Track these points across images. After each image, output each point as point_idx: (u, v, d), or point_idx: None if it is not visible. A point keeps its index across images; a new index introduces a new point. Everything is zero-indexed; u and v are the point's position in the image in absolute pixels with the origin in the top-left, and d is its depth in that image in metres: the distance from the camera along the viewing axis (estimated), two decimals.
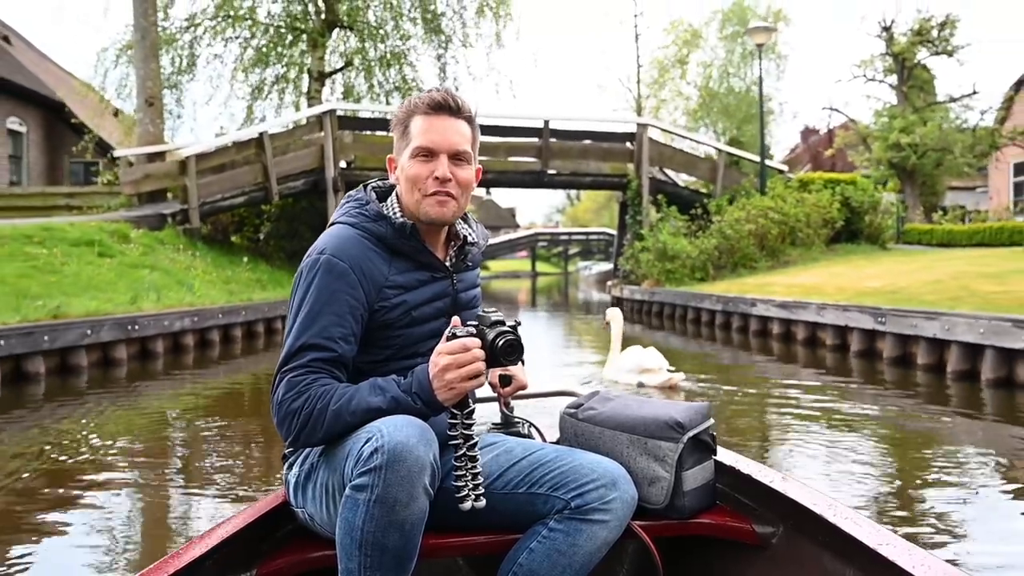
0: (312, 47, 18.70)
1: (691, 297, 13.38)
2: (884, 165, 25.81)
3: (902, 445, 5.06)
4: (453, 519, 1.68)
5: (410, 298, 1.70)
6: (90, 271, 10.21)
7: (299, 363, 1.60)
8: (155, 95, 15.83)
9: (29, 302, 7.88)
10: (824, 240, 17.13)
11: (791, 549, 1.72)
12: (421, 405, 1.56)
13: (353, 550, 1.47)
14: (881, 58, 27.29)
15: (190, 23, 18.46)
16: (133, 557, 3.21)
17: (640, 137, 17.26)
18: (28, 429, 5.74)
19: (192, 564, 1.50)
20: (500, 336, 1.56)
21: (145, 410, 6.61)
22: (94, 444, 5.13)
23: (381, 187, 1.85)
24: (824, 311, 9.12)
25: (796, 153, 47.98)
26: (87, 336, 7.69)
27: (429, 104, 1.71)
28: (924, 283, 9.53)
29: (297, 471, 1.71)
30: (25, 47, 26.82)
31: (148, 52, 15.64)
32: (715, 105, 40.60)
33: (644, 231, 16.77)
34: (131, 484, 4.30)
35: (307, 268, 1.67)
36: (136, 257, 11.60)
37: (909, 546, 1.45)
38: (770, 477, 1.84)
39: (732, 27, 41.62)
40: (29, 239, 10.74)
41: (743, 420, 5.77)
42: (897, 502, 3.85)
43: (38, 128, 23.43)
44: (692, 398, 6.51)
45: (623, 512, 1.66)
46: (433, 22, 19.20)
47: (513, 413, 2.02)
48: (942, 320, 6.98)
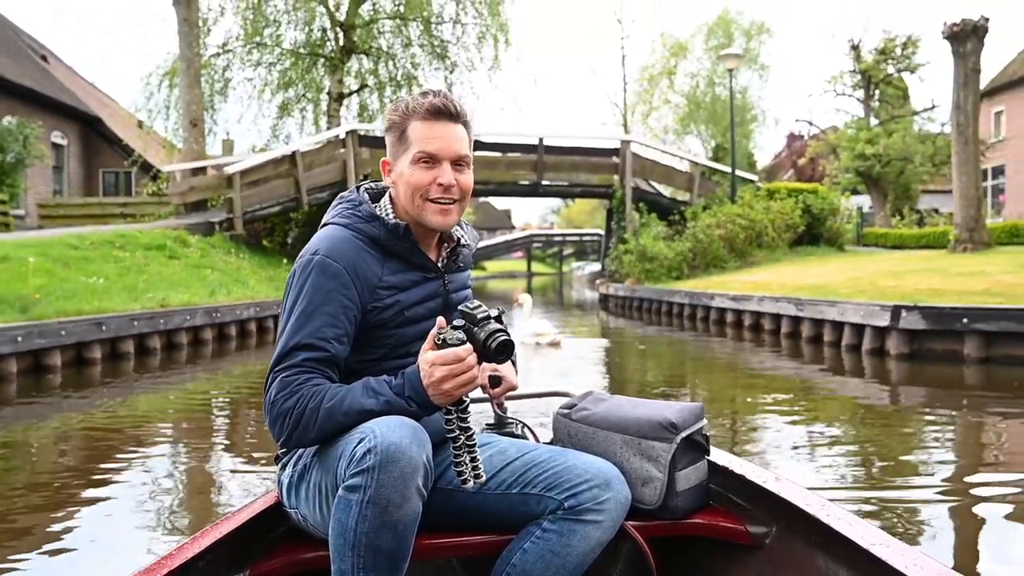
0: (331, 71, 20.96)
1: (665, 293, 15.64)
2: (852, 173, 28.11)
3: (798, 392, 7.35)
4: (446, 520, 1.71)
5: (403, 298, 1.70)
6: (166, 271, 12.42)
7: (292, 363, 1.60)
8: (198, 117, 18.04)
9: (139, 294, 10.10)
10: (787, 243, 19.35)
11: (784, 549, 1.73)
12: (415, 407, 1.56)
13: (346, 551, 1.47)
14: (850, 74, 29.65)
15: (223, 50, 20.69)
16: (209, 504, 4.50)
17: (624, 152, 19.55)
18: (161, 389, 8.00)
19: (184, 565, 1.50)
20: (491, 337, 1.55)
21: (233, 374, 8.87)
22: (207, 402, 7.38)
23: (374, 188, 1.85)
24: (763, 302, 11.38)
25: (781, 158, 49.99)
26: (186, 320, 9.94)
27: (428, 109, 1.71)
28: (846, 280, 11.80)
29: (290, 472, 1.72)
30: (59, 64, 29.00)
31: (192, 79, 17.84)
32: (702, 113, 42.85)
33: (627, 235, 19.03)
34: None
35: (300, 268, 1.68)
36: (197, 259, 13.81)
37: (902, 546, 1.45)
38: (763, 477, 1.84)
39: (717, 39, 43.84)
40: (112, 244, 12.94)
41: (700, 376, 8.05)
42: (784, 427, 6.13)
43: (76, 141, 25.55)
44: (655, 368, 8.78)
45: (617, 512, 1.66)
46: (439, 48, 21.47)
47: (506, 414, 2.04)
48: (839, 307, 9.27)
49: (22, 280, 8.94)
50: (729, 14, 44.46)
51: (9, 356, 7.21)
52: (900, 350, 8.23)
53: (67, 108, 24.64)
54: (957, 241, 14.48)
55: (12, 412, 6.57)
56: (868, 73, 28.60)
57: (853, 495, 3.93)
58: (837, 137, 28.90)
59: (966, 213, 14.32)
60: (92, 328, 8.30)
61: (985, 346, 7.77)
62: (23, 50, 25.39)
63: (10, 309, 7.93)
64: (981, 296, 8.60)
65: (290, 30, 21.32)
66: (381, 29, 21.90)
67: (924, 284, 9.94)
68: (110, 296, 9.65)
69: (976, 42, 14.03)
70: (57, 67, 28.31)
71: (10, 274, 9.13)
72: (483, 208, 70.99)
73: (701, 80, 44.10)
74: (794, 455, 4.81)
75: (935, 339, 8.10)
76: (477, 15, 21.41)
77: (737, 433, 5.56)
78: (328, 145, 18.40)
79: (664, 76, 43.10)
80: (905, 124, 28.62)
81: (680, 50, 43.53)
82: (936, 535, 3.46)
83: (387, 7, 22.03)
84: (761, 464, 4.68)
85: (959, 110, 14.23)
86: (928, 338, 8.14)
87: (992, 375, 7.51)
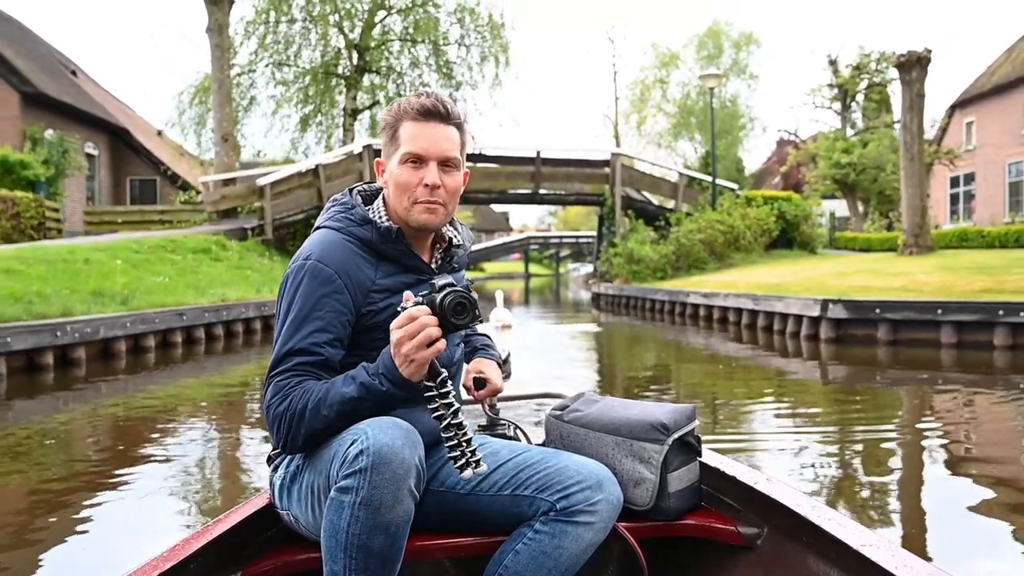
0: (347, 88, 22.95)
1: (648, 291, 17.60)
2: (829, 180, 30.12)
3: (744, 369, 9.31)
4: (439, 521, 1.73)
5: (397, 301, 1.64)
6: (214, 271, 14.35)
7: (286, 368, 1.61)
8: (228, 132, 20.02)
9: (203, 290, 12.04)
10: (763, 246, 21.27)
11: (775, 550, 1.75)
12: (389, 385, 1.53)
13: (338, 552, 1.47)
14: (828, 88, 31.69)
15: (248, 70, 22.69)
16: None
17: (614, 164, 21.54)
18: (232, 367, 9.94)
19: (176, 567, 1.51)
20: (447, 296, 1.52)
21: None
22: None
23: (366, 190, 1.84)
24: (728, 298, 13.34)
25: (770, 164, 51.78)
26: (242, 313, 11.88)
27: (419, 110, 1.70)
28: (801, 279, 13.76)
29: (282, 473, 1.72)
30: (86, 78, 30.91)
31: (223, 99, 19.81)
32: (692, 120, 44.80)
33: (617, 239, 20.98)
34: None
35: (293, 273, 1.68)
36: (236, 261, 15.75)
37: (892, 547, 1.47)
38: (755, 479, 1.86)
39: (707, 50, 45.75)
40: (164, 248, 14.88)
41: (678, 360, 9.99)
42: (724, 394, 8.08)
43: (106, 150, 27.43)
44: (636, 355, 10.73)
45: (608, 514, 1.66)
46: (445, 68, 23.47)
47: (498, 415, 2.05)
48: (784, 301, 11.22)
49: (112, 278, 10.87)
50: (719, 25, 46.43)
51: (120, 338, 9.14)
52: (828, 335, 10.18)
53: (98, 120, 26.52)
54: (905, 245, 16.43)
55: (124, 383, 8.50)
56: (844, 87, 30.62)
57: (780, 442, 5.88)
58: (816, 146, 30.91)
59: (912, 221, 16.27)
60: (175, 317, 10.24)
61: (893, 331, 9.72)
62: (57, 67, 27.29)
63: (112, 302, 9.86)
64: (897, 291, 10.58)
65: (308, 50, 23.33)
66: (391, 50, 23.92)
67: (858, 282, 11.91)
68: (178, 292, 11.58)
69: (920, 70, 15.98)
70: (85, 81, 30.22)
71: (100, 273, 11.08)
72: (482, 211, 72.65)
73: (692, 89, 45.97)
74: (734, 413, 6.76)
75: (855, 326, 10.06)
76: (480, 37, 23.41)
77: (695, 396, 7.51)
78: (347, 159, 20.37)
79: (657, 85, 45.04)
80: (880, 134, 30.60)
81: (672, 59, 45.47)
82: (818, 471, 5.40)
83: (397, 29, 24.04)
84: (708, 414, 6.56)
85: (906, 130, 16.19)
86: (850, 325, 10.10)
87: (898, 354, 9.44)
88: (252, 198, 18.70)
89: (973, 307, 9.26)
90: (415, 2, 23.30)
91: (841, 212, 33.94)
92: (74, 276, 10.79)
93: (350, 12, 23.25)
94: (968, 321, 9.20)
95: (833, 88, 31.45)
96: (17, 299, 8.59)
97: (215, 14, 19.23)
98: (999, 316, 8.97)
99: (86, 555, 3.31)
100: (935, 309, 9.43)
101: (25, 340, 7.67)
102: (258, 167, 21.30)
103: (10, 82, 21.42)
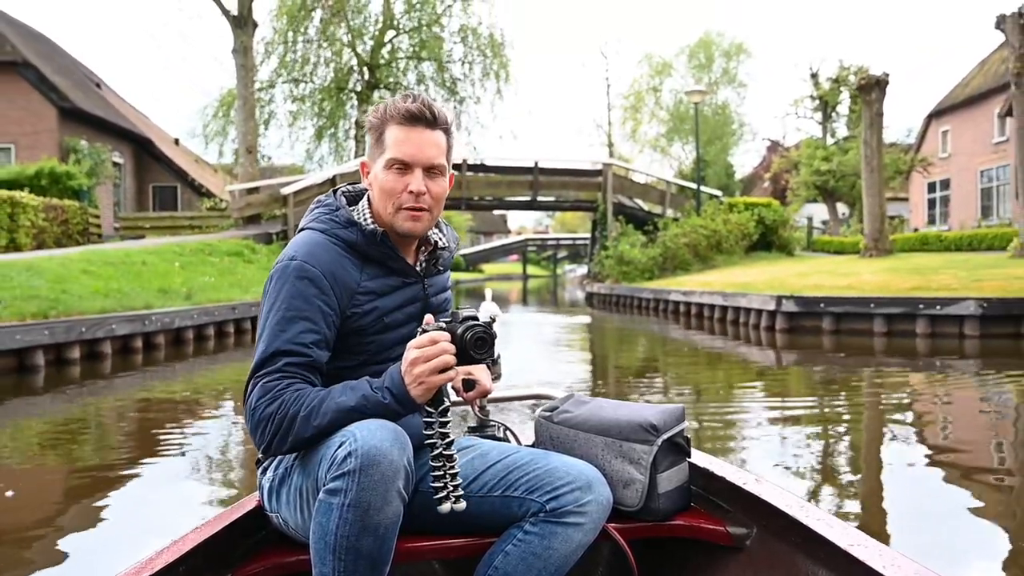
0: (358, 103, 24.82)
1: (636, 290, 19.43)
2: (809, 186, 31.96)
3: (708, 357, 11.14)
4: (428, 523, 1.70)
5: (382, 304, 1.70)
6: (248, 272, 16.14)
7: (273, 368, 1.59)
8: (252, 144, 21.83)
9: (247, 287, 13.84)
10: (743, 249, 23.05)
11: (764, 550, 1.76)
12: (391, 400, 1.54)
13: (327, 555, 1.47)
14: (810, 99, 33.55)
15: (267, 84, 24.55)
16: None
17: (605, 173, 23.41)
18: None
19: (164, 570, 1.50)
20: (469, 330, 1.55)
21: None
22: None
23: (351, 191, 1.85)
24: (702, 295, 15.16)
25: (761, 167, 53.40)
26: None
27: (405, 115, 1.70)
28: (768, 279, 15.58)
29: (271, 475, 1.71)
30: (108, 91, 32.70)
31: (247, 113, 21.62)
32: (685, 126, 46.67)
33: (608, 243, 22.81)
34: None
35: (279, 273, 1.67)
36: (266, 263, 17.53)
37: (880, 547, 1.48)
38: (744, 479, 1.87)
39: (699, 60, 47.61)
40: (202, 251, 16.68)
41: (664, 349, 11.81)
42: (692, 377, 9.91)
43: (130, 159, 29.21)
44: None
45: (598, 514, 1.67)
46: (450, 84, 25.35)
47: (488, 416, 2.05)
48: (748, 297, 13.04)
49: (170, 278, 12.68)
50: (710, 36, 48.31)
51: (189, 328, 10.95)
52: (782, 326, 12.01)
53: (124, 131, 28.30)
54: (866, 249, 18.27)
55: (189, 364, 10.31)
56: (825, 99, 32.48)
57: (735, 412, 7.69)
58: (799, 154, 32.77)
59: (872, 226, 18.11)
60: (228, 311, 12.05)
61: (836, 322, 11.55)
62: (84, 81, 29.07)
63: (176, 297, 11.67)
64: (842, 289, 12.41)
65: (322, 68, 25.20)
66: (399, 67, 25.80)
67: (814, 282, 13.75)
68: (224, 289, 13.38)
69: (879, 92, 17.83)
70: (108, 93, 32.02)
71: (158, 273, 12.88)
72: (480, 213, 74.58)
73: (684, 96, 47.88)
74: (703, 387, 8.56)
75: (804, 318, 11.88)
76: (482, 55, 25.29)
77: (668, 375, 9.31)
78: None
79: (650, 93, 46.86)
80: (859, 143, 32.38)
81: (665, 68, 47.31)
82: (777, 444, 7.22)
83: (404, 48, 25.92)
84: (676, 383, 8.18)
85: (867, 145, 18.02)
86: (800, 318, 11.92)
87: (839, 342, 11.23)
88: (274, 205, 20.50)
89: (899, 302, 11.10)
90: (422, 22, 25.19)
91: (823, 217, 35.85)
92: (137, 276, 12.59)
93: (361, 32, 25.13)
94: (895, 313, 11.03)
95: (815, 100, 33.28)
96: (104, 295, 10.40)
97: (240, 36, 21.05)
98: (919, 309, 10.80)
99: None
100: (869, 303, 11.27)
101: (123, 327, 9.48)
102: (279, 176, 23.13)
103: (50, 98, 23.20)
